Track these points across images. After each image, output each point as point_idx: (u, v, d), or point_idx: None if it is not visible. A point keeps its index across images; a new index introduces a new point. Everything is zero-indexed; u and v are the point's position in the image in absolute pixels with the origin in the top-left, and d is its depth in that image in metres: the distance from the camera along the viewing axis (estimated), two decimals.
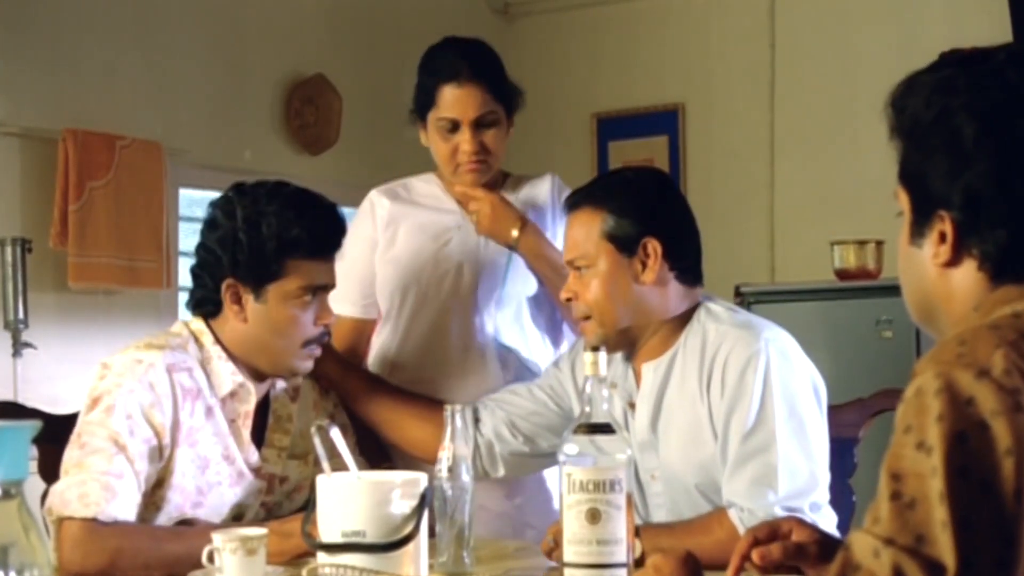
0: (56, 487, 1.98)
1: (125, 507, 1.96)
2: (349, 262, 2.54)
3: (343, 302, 2.53)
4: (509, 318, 2.52)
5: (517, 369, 2.50)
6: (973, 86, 1.26)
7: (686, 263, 2.10)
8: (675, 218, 2.13)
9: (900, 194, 1.34)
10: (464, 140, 2.44)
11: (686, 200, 2.19)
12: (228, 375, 2.11)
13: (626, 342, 2.11)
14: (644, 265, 2.06)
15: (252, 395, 2.13)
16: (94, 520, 1.93)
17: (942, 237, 1.27)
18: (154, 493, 2.04)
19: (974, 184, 1.24)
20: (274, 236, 2.06)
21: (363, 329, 2.59)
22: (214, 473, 2.09)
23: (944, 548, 1.06)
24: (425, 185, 2.59)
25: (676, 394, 2.07)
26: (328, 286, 2.15)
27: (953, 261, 1.28)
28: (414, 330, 2.52)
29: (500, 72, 2.50)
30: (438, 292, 2.49)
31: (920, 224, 1.30)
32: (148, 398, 2.01)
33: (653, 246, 2.05)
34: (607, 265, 2.07)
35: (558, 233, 2.47)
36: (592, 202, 2.09)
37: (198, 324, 2.15)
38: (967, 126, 1.24)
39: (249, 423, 2.14)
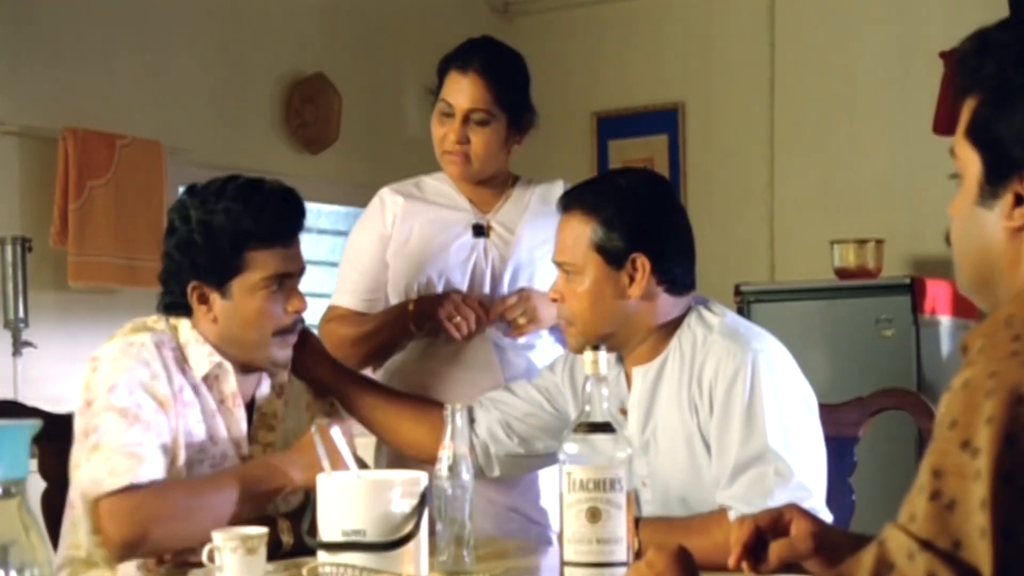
0: (81, 473, 1.96)
1: (154, 470, 1.96)
2: (356, 257, 2.58)
3: (347, 294, 2.59)
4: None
5: (522, 367, 2.52)
6: None
7: (676, 277, 2.07)
8: (667, 233, 2.08)
9: (963, 153, 1.29)
10: (452, 129, 2.47)
11: (682, 209, 2.14)
12: (205, 356, 2.10)
13: (609, 348, 2.10)
14: (632, 279, 2.04)
15: (231, 375, 2.11)
16: (130, 487, 1.93)
17: (1018, 199, 1.23)
18: (171, 468, 2.03)
19: None
20: (227, 232, 2.05)
21: None
22: (197, 451, 2.08)
23: (981, 556, 1.04)
24: (437, 183, 2.61)
25: (666, 402, 2.05)
26: (293, 273, 2.12)
27: None
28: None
29: (512, 78, 2.51)
30: (451, 287, 2.51)
31: (993, 184, 1.25)
32: (146, 373, 2.02)
33: (642, 262, 2.03)
34: (594, 276, 2.05)
35: None
36: (584, 208, 2.07)
37: (174, 318, 2.15)
38: None
39: (239, 402, 2.13)
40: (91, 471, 1.95)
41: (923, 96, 4.46)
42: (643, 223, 2.06)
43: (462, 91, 2.46)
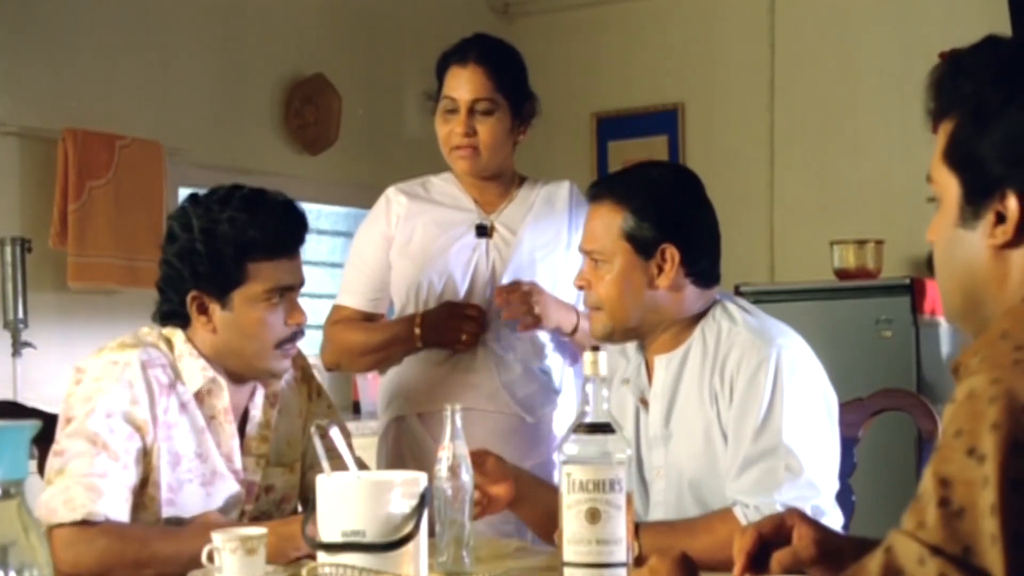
0: (42, 498, 1.96)
1: (113, 505, 1.95)
2: (360, 257, 2.60)
3: (352, 295, 2.60)
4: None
5: (518, 370, 2.52)
6: None
7: (703, 270, 2.09)
8: (696, 225, 2.10)
9: (941, 177, 1.30)
10: (457, 122, 2.48)
11: (711, 204, 2.14)
12: (198, 370, 2.09)
13: (634, 336, 2.12)
14: (660, 270, 2.05)
15: (224, 390, 2.10)
16: (83, 522, 1.92)
17: (999, 217, 1.24)
18: (141, 492, 2.03)
19: None
20: (230, 242, 2.04)
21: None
22: (185, 470, 2.07)
23: (993, 562, 1.04)
24: (443, 183, 2.63)
25: (687, 391, 2.07)
26: (295, 286, 2.12)
27: (1014, 242, 1.24)
28: None
29: (510, 66, 2.54)
30: (452, 288, 2.52)
31: (975, 205, 1.26)
32: (127, 396, 2.01)
33: (671, 253, 2.05)
34: (623, 264, 2.06)
35: (573, 242, 2.49)
36: (615, 197, 2.08)
37: (169, 328, 2.13)
38: None
39: (231, 418, 2.12)
40: (49, 497, 1.95)
41: (923, 96, 4.45)
42: (674, 215, 2.07)
43: (463, 84, 2.48)
